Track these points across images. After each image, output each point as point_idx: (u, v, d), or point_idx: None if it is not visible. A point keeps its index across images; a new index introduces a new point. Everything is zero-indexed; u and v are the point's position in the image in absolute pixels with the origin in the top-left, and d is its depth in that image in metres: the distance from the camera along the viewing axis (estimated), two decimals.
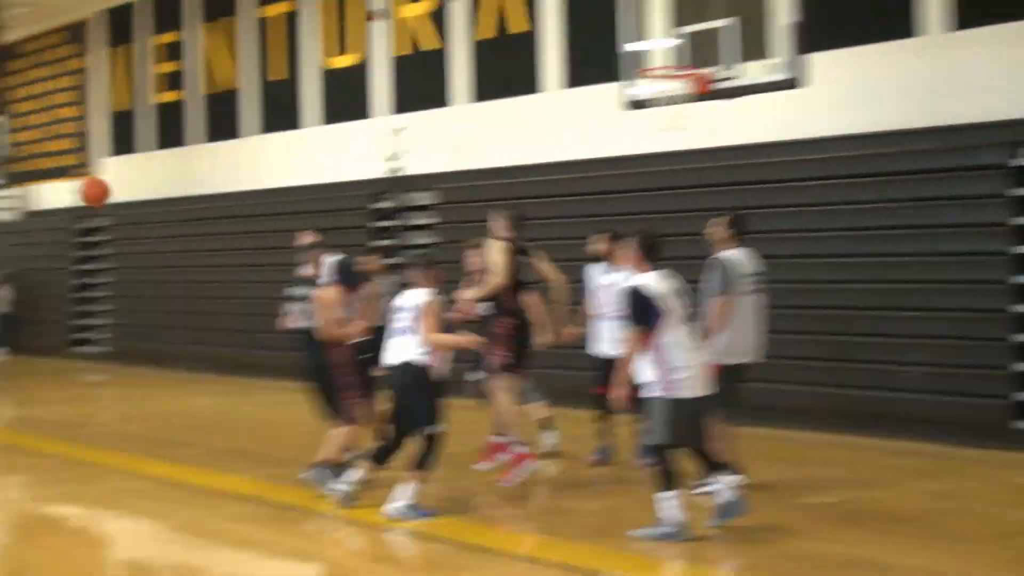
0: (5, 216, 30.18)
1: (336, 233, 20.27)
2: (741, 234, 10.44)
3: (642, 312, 8.46)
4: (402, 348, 9.38)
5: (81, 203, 15.85)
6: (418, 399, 9.30)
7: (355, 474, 9.60)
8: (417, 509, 9.14)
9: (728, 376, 9.88)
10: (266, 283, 21.60)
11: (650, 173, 16.40)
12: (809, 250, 14.60)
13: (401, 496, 9.13)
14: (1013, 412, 12.77)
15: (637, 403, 8.73)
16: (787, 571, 7.79)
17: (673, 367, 8.44)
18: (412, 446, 9.21)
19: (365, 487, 9.49)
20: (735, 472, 9.07)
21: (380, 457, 9.49)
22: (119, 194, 26.43)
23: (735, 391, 10.13)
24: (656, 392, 8.46)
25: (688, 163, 15.91)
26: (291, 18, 22.55)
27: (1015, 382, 12.83)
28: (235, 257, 22.70)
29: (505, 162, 18.46)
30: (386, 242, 19.51)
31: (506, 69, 18.71)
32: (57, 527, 9.58)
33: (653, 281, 8.57)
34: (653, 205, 16.16)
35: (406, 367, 9.34)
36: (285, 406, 16.69)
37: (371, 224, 19.97)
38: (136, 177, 26.44)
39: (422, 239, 19.35)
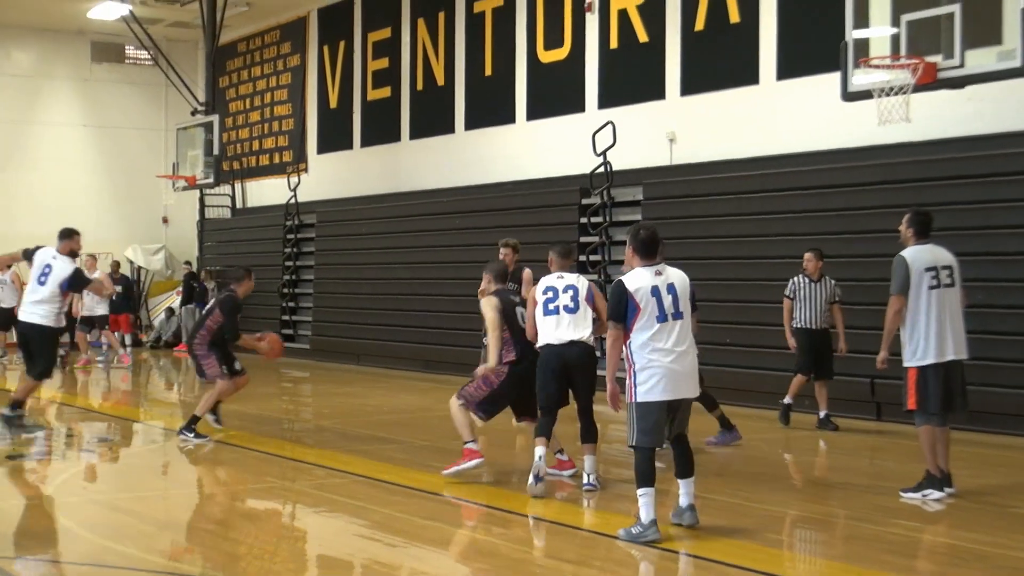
0: (217, 213, 31.21)
1: (543, 229, 20.59)
2: (923, 231, 10.13)
3: (618, 307, 8.52)
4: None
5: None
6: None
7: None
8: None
9: (926, 379, 9.77)
10: (468, 280, 21.83)
11: (871, 167, 16.05)
12: (991, 247, 14.09)
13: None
14: None
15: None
16: None
17: (637, 367, 8.48)
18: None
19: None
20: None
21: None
22: (328, 191, 27.17)
23: (940, 393, 9.84)
24: (628, 393, 8.55)
25: (911, 156, 15.54)
26: (503, 12, 22.74)
27: None
28: (439, 254, 22.96)
29: (717, 156, 18.31)
30: (594, 238, 19.54)
31: (720, 60, 18.54)
32: (260, 521, 9.80)
33: (636, 277, 8.54)
34: (873, 200, 15.81)
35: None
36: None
37: (579, 220, 19.98)
38: (346, 174, 27.08)
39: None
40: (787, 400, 14.57)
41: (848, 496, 10.53)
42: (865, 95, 13.10)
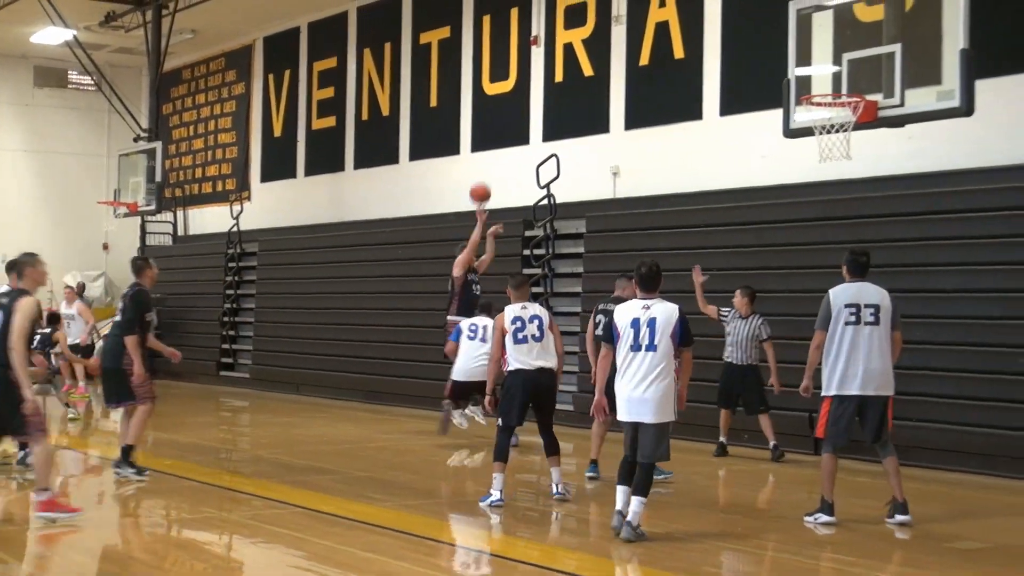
0: (159, 240, 30.99)
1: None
2: (855, 269, 10.44)
3: (608, 331, 9.68)
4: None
5: None
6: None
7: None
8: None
9: (834, 410, 10.17)
10: (412, 311, 21.87)
11: (812, 203, 16.21)
12: (973, 284, 14.23)
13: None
14: None
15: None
16: None
17: (615, 390, 9.59)
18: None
19: None
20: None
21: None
22: (271, 220, 27.09)
23: (845, 425, 10.22)
24: None
25: (851, 193, 15.70)
26: (449, 44, 22.80)
27: None
28: (382, 284, 22.94)
29: (660, 190, 18.42)
30: (536, 270, 19.58)
31: (664, 95, 18.67)
32: (196, 552, 9.70)
33: (625, 307, 9.61)
34: (813, 236, 15.97)
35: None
36: (425, 435, 16.77)
37: (522, 252, 20.01)
38: (289, 203, 27.03)
39: (571, 267, 19.37)
40: (721, 439, 14.84)
41: (780, 527, 10.57)
42: (807, 132, 13.21)
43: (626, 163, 19.21)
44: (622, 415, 9.59)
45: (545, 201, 19.36)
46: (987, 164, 14.54)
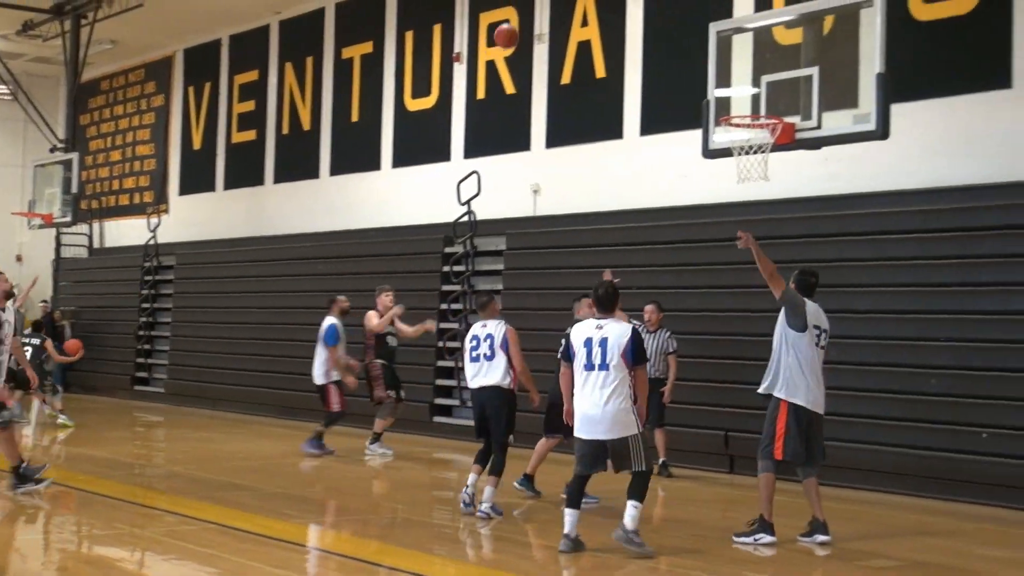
0: (74, 252, 30.62)
1: (406, 277, 20.57)
2: (806, 284, 10.59)
3: (565, 350, 10.02)
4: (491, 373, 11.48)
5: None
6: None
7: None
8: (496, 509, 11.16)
9: (790, 427, 10.19)
10: None
11: (729, 223, 16.29)
12: (886, 305, 14.41)
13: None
14: None
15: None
16: None
17: (574, 407, 9.85)
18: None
19: None
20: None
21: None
22: (189, 233, 26.87)
23: (800, 443, 10.22)
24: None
25: (768, 213, 15.84)
26: (372, 59, 22.76)
27: None
28: (300, 299, 22.78)
29: (580, 208, 18.50)
30: (456, 287, 19.58)
31: (585, 114, 18.76)
32: (107, 569, 9.58)
33: (580, 327, 9.93)
34: (730, 256, 16.06)
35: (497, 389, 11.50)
36: (341, 452, 16.67)
37: (442, 269, 20.00)
38: (208, 216, 26.84)
39: (491, 284, 19.38)
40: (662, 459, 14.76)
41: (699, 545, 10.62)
42: (725, 153, 13.29)
43: (547, 181, 19.27)
44: (579, 432, 9.77)
45: (466, 218, 19.36)
46: (900, 187, 14.76)
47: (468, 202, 19.28)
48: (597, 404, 9.63)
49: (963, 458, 13.31)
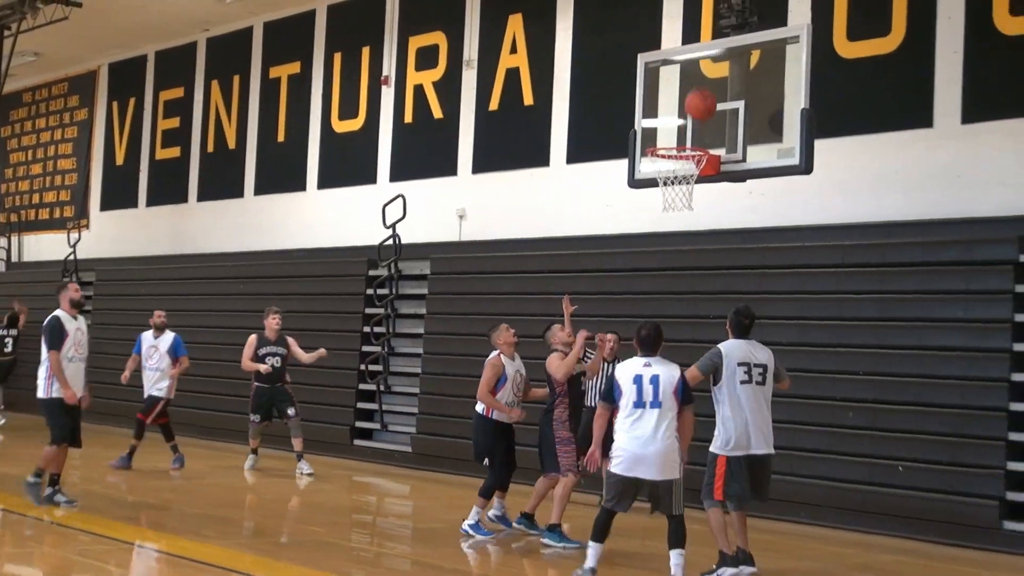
0: None
1: (330, 299, 20.53)
2: (738, 330, 10.55)
3: (608, 388, 9.88)
4: None
5: None
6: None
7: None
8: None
9: (731, 470, 10.19)
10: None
11: (653, 253, 16.45)
12: (806, 339, 14.57)
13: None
14: (1006, 512, 12.72)
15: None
16: None
17: (615, 443, 9.69)
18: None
19: None
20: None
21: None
22: (110, 249, 26.60)
23: (743, 484, 10.25)
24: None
25: (692, 244, 15.98)
26: (299, 79, 22.71)
27: (1010, 482, 12.78)
28: (222, 319, 22.61)
29: (505, 235, 18.55)
30: (379, 310, 19.55)
31: (513, 141, 18.82)
32: None
33: (627, 365, 9.78)
34: (655, 285, 16.22)
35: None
36: (260, 473, 16.56)
37: (366, 291, 19.96)
38: (130, 233, 26.61)
39: (414, 308, 19.38)
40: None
41: None
42: (651, 183, 13.36)
43: (472, 206, 19.30)
44: (621, 469, 9.61)
45: (390, 241, 19.34)
46: (822, 222, 14.94)
47: (393, 225, 19.26)
48: (648, 443, 9.54)
49: (879, 491, 13.48)
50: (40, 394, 12.68)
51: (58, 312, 12.76)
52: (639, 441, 9.53)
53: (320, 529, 12.54)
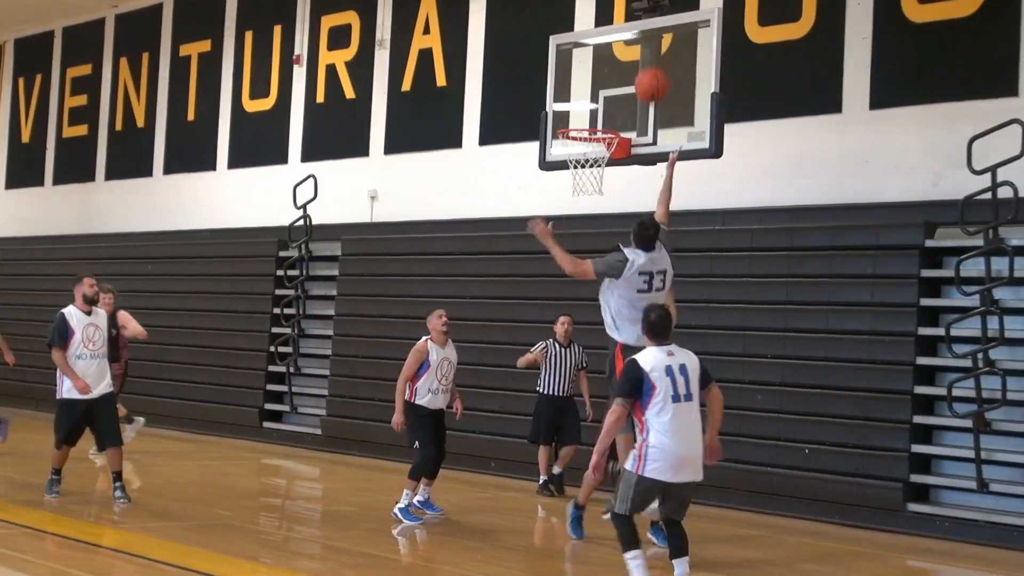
0: None
1: (240, 280, 20.33)
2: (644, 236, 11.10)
3: (629, 385, 8.62)
4: None
5: None
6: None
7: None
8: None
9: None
10: (159, 327, 21.35)
11: (565, 235, 16.36)
12: (715, 322, 14.64)
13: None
14: (910, 494, 12.90)
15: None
16: None
17: (650, 444, 8.51)
18: None
19: None
20: None
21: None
22: (15, 229, 26.15)
23: None
24: (635, 463, 8.58)
25: (602, 227, 15.96)
26: (210, 58, 22.43)
27: (913, 464, 12.96)
28: (130, 300, 22.26)
29: (417, 216, 18.46)
30: (289, 291, 19.39)
31: (425, 122, 18.73)
32: None
33: (649, 356, 8.66)
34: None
35: None
36: (167, 456, 16.38)
37: (276, 272, 19.79)
38: (35, 212, 26.17)
39: (325, 290, 19.25)
40: (544, 477, 14.47)
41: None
42: (562, 165, 13.36)
43: (384, 187, 19.19)
44: (657, 473, 8.51)
45: (301, 222, 19.19)
46: (732, 206, 15.02)
47: (304, 206, 19.12)
48: (694, 443, 8.61)
49: (786, 473, 13.62)
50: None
51: (67, 308, 12.44)
52: (685, 442, 8.52)
53: (228, 512, 12.42)
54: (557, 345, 14.38)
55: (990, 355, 12.53)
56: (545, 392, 14.40)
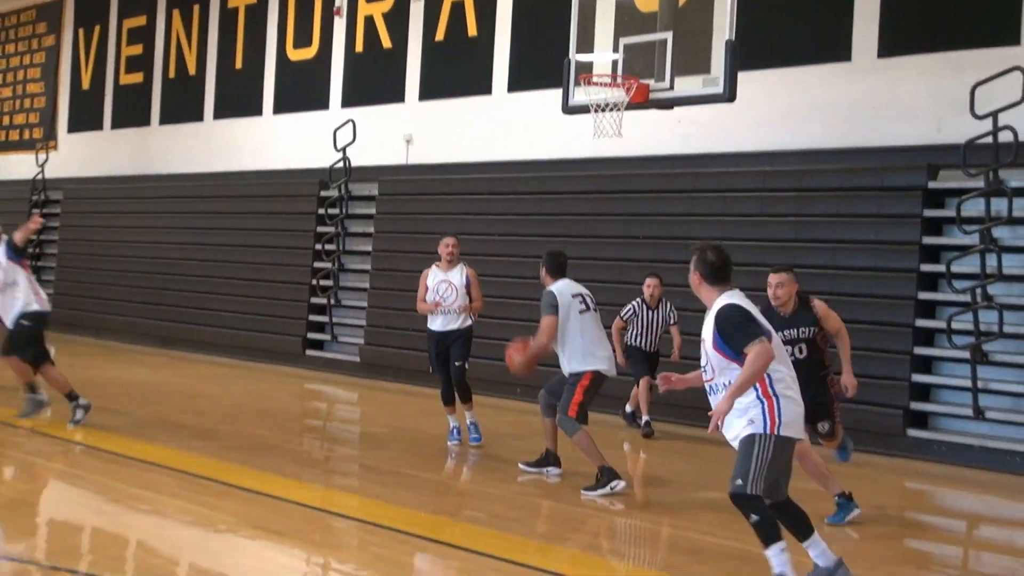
0: None
1: (283, 217, 20.22)
2: (558, 270, 10.44)
3: (752, 326, 6.68)
4: None
5: None
6: None
7: None
8: None
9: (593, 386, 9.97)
10: (209, 262, 21.38)
11: (586, 177, 16.26)
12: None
13: None
14: (910, 421, 12.72)
15: None
16: None
17: (779, 396, 6.65)
18: None
19: None
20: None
21: None
22: (77, 169, 26.09)
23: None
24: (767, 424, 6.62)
25: (622, 169, 15.79)
26: (256, 10, 22.19)
27: (913, 393, 12.78)
28: (181, 235, 22.33)
29: (449, 159, 18.28)
30: (329, 228, 19.28)
31: (457, 70, 18.50)
32: None
33: (747, 304, 6.83)
34: (588, 207, 16.03)
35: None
36: (214, 380, 16.37)
37: (317, 211, 19.68)
38: (96, 153, 26.07)
39: (363, 227, 19.12)
40: (629, 408, 13.83)
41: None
42: (583, 110, 13.16)
43: (419, 132, 18.99)
44: (793, 431, 6.66)
45: (341, 164, 19.03)
46: (745, 149, 14.78)
47: (344, 149, 18.95)
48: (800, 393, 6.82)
49: None
50: None
51: None
52: (797, 391, 6.75)
53: (269, 433, 12.35)
54: (644, 307, 13.36)
55: (988, 290, 12.32)
56: (633, 344, 13.38)
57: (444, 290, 11.75)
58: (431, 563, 7.59)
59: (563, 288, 10.20)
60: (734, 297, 6.77)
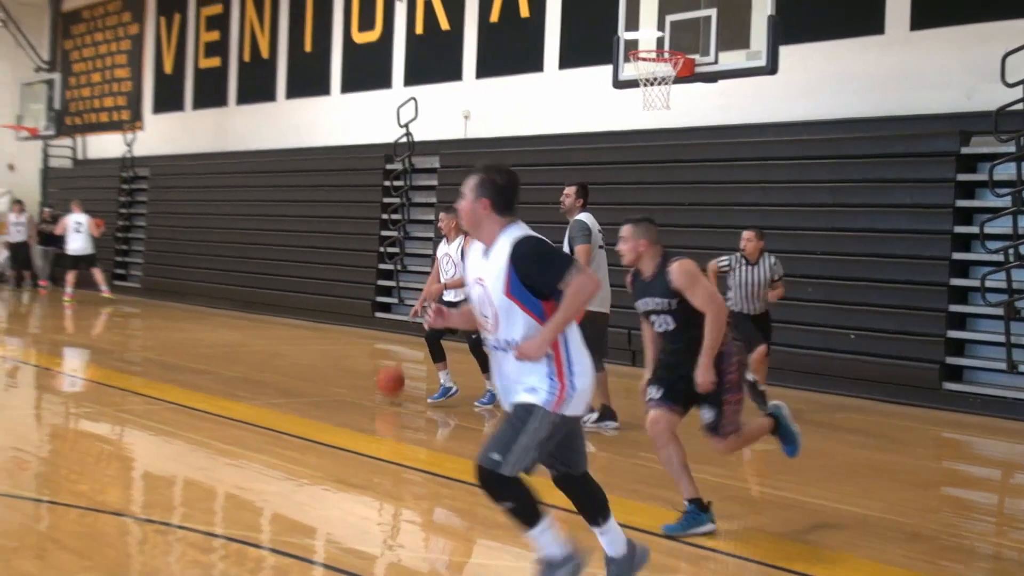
0: (60, 163, 29.79)
1: (352, 190, 20.13)
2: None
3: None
4: None
5: None
6: None
7: None
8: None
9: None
10: (285, 231, 21.36)
11: (634, 148, 16.03)
12: (769, 222, 14.12)
13: None
14: (945, 374, 12.43)
15: None
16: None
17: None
18: None
19: None
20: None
21: None
22: (162, 148, 26.13)
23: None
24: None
25: (669, 140, 15.55)
26: None
27: (948, 348, 12.48)
28: (258, 207, 22.35)
29: (505, 133, 18.11)
30: (395, 199, 19.18)
31: (511, 49, 18.29)
32: (83, 440, 9.21)
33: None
34: (637, 176, 15.80)
35: None
36: (292, 341, 16.32)
37: (383, 183, 19.59)
38: (178, 133, 26.09)
39: (426, 197, 19.01)
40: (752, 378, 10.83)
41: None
42: (632, 84, 12.93)
43: (476, 108, 18.82)
44: (583, 407, 5.22)
45: (404, 139, 18.89)
46: (785, 119, 14.50)
47: (407, 125, 18.80)
48: None
49: (834, 356, 13.20)
50: None
51: None
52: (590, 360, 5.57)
53: (344, 390, 12.27)
54: (743, 261, 11.08)
55: (1020, 250, 11.99)
56: (736, 309, 10.92)
57: (444, 264, 11.18)
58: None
59: (592, 220, 9.99)
60: (527, 229, 5.02)
